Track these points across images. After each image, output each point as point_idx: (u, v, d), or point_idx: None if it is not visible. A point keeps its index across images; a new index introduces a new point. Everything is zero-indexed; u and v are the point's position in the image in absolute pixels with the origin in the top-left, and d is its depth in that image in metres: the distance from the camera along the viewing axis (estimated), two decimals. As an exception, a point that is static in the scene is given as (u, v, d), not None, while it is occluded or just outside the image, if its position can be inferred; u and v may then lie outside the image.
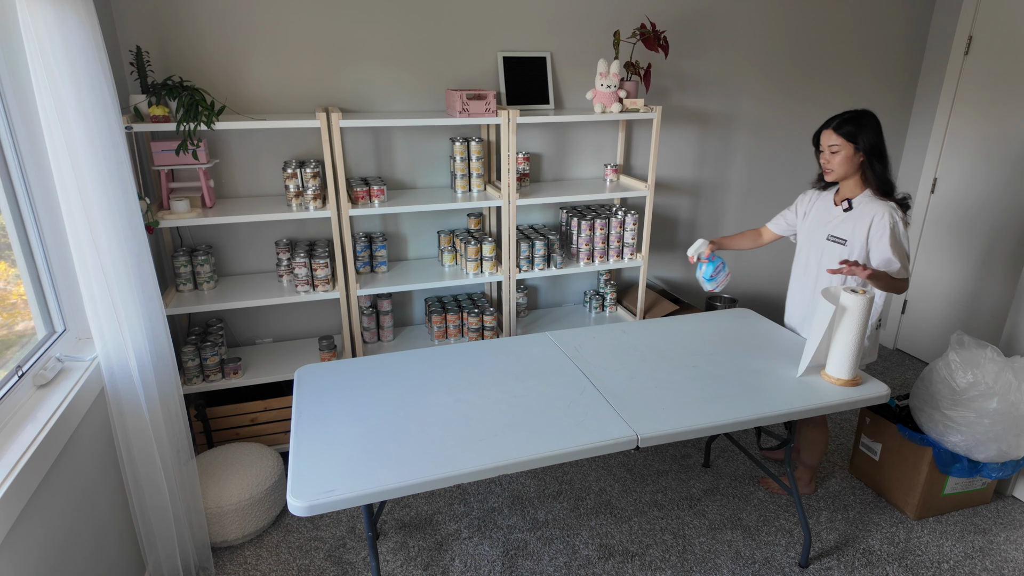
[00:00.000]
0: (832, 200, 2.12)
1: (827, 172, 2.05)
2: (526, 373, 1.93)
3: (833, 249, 2.08)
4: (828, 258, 2.10)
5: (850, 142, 1.98)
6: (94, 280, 1.63)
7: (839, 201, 2.09)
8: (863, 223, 2.00)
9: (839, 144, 1.99)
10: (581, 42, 2.84)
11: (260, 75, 2.49)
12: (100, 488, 1.74)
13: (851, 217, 2.04)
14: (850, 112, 2.00)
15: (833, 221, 2.09)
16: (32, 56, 1.43)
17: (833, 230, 2.08)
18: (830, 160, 2.02)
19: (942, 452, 2.23)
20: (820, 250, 2.12)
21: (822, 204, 2.16)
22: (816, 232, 2.14)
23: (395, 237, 2.87)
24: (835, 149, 2.00)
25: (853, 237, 2.03)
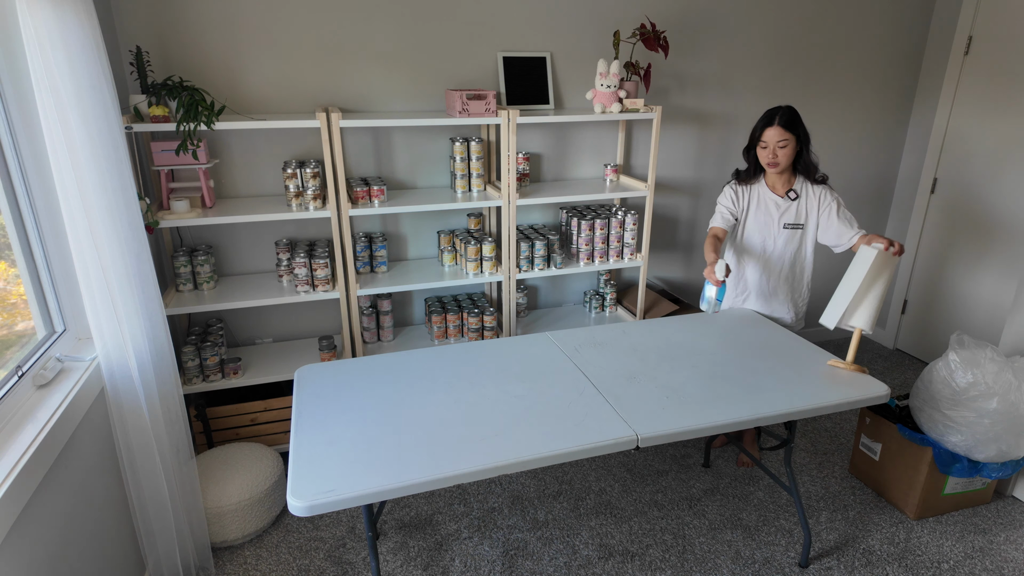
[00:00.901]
0: (769, 191, 2.31)
1: (774, 165, 2.21)
2: (526, 373, 1.93)
3: (791, 234, 2.32)
4: (786, 243, 2.32)
5: (794, 135, 2.18)
6: (94, 280, 1.63)
7: (783, 192, 2.30)
8: (811, 206, 2.28)
9: (787, 138, 2.18)
10: (581, 42, 2.84)
11: (260, 75, 2.49)
12: (100, 488, 1.74)
13: (798, 203, 2.29)
14: (783, 108, 2.19)
15: (784, 210, 2.30)
16: (32, 56, 1.43)
17: (788, 219, 2.30)
18: (778, 154, 2.19)
19: (942, 452, 2.23)
20: (776, 237, 2.33)
21: (762, 196, 2.32)
22: (770, 223, 2.32)
23: (395, 237, 2.87)
24: (783, 144, 2.18)
25: (807, 220, 2.29)
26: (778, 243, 2.32)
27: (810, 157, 2.24)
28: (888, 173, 3.61)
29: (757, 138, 2.23)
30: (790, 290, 2.39)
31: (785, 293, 2.39)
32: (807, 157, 2.23)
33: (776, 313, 2.42)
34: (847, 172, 3.51)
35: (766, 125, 2.19)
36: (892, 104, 3.45)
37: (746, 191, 2.33)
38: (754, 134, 2.25)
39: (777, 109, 2.20)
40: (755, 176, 2.32)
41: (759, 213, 2.32)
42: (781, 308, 2.41)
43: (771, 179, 2.30)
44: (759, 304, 2.43)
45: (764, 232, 2.32)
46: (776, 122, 2.17)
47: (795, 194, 2.27)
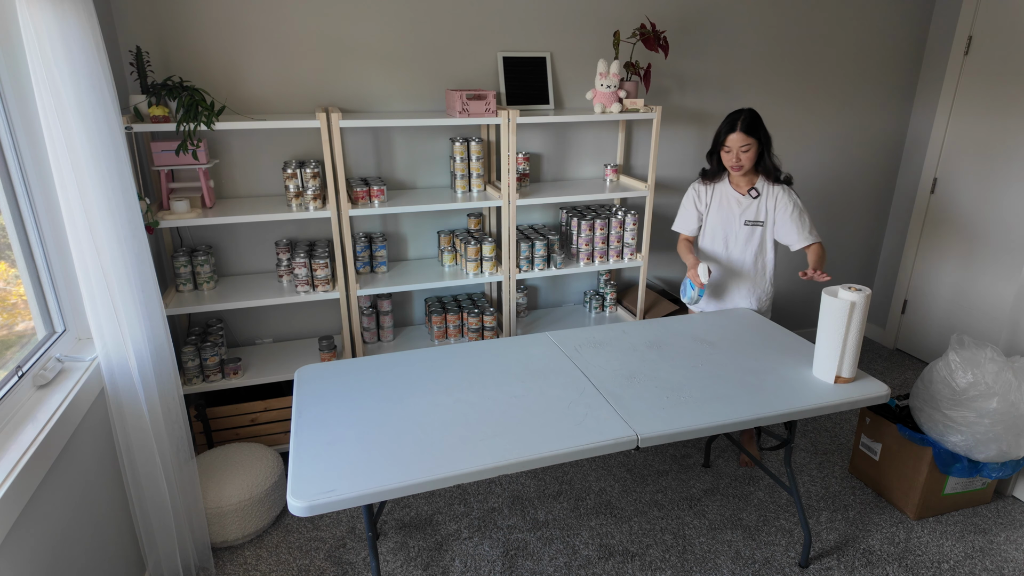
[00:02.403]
0: (732, 190, 2.38)
1: (737, 168, 2.28)
2: (526, 373, 1.93)
3: (752, 230, 2.38)
4: (747, 239, 2.39)
5: (756, 139, 2.24)
6: (94, 280, 1.63)
7: (745, 190, 2.36)
8: (770, 205, 2.34)
9: (749, 143, 2.24)
10: (581, 42, 2.84)
11: (260, 75, 2.49)
12: (100, 488, 1.74)
13: (759, 202, 2.35)
14: (744, 112, 2.24)
15: (745, 208, 2.36)
16: (32, 56, 1.43)
17: (748, 216, 2.37)
18: (741, 158, 2.25)
19: (942, 452, 2.23)
20: (738, 234, 2.40)
21: (724, 194, 2.40)
22: (732, 220, 2.39)
23: (395, 237, 2.87)
24: (746, 148, 2.24)
25: (767, 218, 2.36)
26: (739, 239, 2.39)
27: (771, 159, 2.30)
28: (888, 173, 3.61)
29: (721, 142, 2.28)
30: (752, 285, 2.45)
31: (748, 288, 2.45)
32: (768, 160, 2.30)
33: (740, 307, 2.48)
34: (847, 172, 3.51)
35: (729, 130, 2.24)
36: (892, 104, 3.45)
37: (709, 189, 2.42)
38: (718, 138, 2.30)
39: (739, 113, 2.24)
40: (719, 176, 2.40)
41: (721, 210, 2.40)
42: (744, 303, 2.47)
43: (734, 179, 2.38)
44: (723, 298, 2.50)
45: (726, 228, 2.40)
46: (738, 127, 2.22)
47: (756, 192, 2.34)
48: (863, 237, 3.71)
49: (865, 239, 3.72)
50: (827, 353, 1.88)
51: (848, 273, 3.77)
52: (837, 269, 3.75)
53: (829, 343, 1.87)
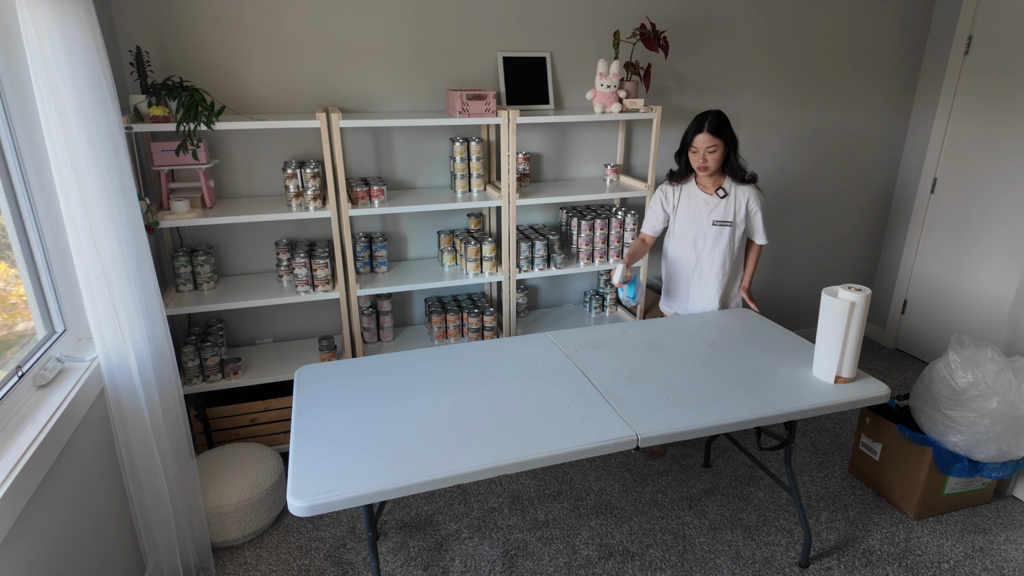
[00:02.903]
0: (699, 190, 2.39)
1: (704, 169, 2.30)
2: (526, 373, 1.93)
3: (720, 230, 2.39)
4: (715, 239, 2.40)
5: (722, 140, 2.25)
6: (94, 280, 1.63)
7: (712, 191, 2.37)
8: (739, 205, 2.37)
9: (716, 144, 2.25)
10: (581, 42, 2.84)
11: (260, 75, 2.49)
12: (100, 488, 1.74)
13: (727, 202, 2.37)
14: (711, 113, 2.25)
15: (713, 207, 2.38)
16: (32, 56, 1.43)
17: (716, 216, 2.38)
18: (708, 159, 2.27)
19: (942, 452, 2.23)
20: (706, 234, 2.41)
21: (691, 195, 2.41)
22: (700, 220, 2.40)
23: (395, 237, 2.87)
24: (713, 149, 2.26)
25: (735, 217, 2.38)
26: (707, 239, 2.40)
27: (737, 160, 2.33)
28: (888, 173, 3.61)
29: (688, 143, 2.30)
30: (720, 285, 2.45)
31: (715, 288, 2.45)
32: (735, 160, 2.32)
33: (708, 306, 2.49)
34: (847, 172, 3.51)
35: (696, 131, 2.26)
36: (892, 104, 3.45)
37: (677, 190, 2.44)
38: (685, 139, 2.32)
39: (707, 115, 2.25)
40: (687, 177, 2.41)
41: (689, 210, 2.41)
42: (712, 303, 2.47)
43: (702, 180, 2.39)
44: (692, 299, 2.51)
45: (694, 229, 2.41)
46: (705, 128, 2.24)
47: (724, 192, 2.36)
48: (863, 237, 3.71)
49: (865, 239, 3.72)
50: (827, 353, 1.88)
51: (848, 273, 3.77)
52: (837, 269, 3.75)
53: (829, 343, 1.87)
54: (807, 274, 3.68)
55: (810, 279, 3.70)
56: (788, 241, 3.55)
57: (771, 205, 3.43)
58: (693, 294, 2.50)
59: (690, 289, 2.50)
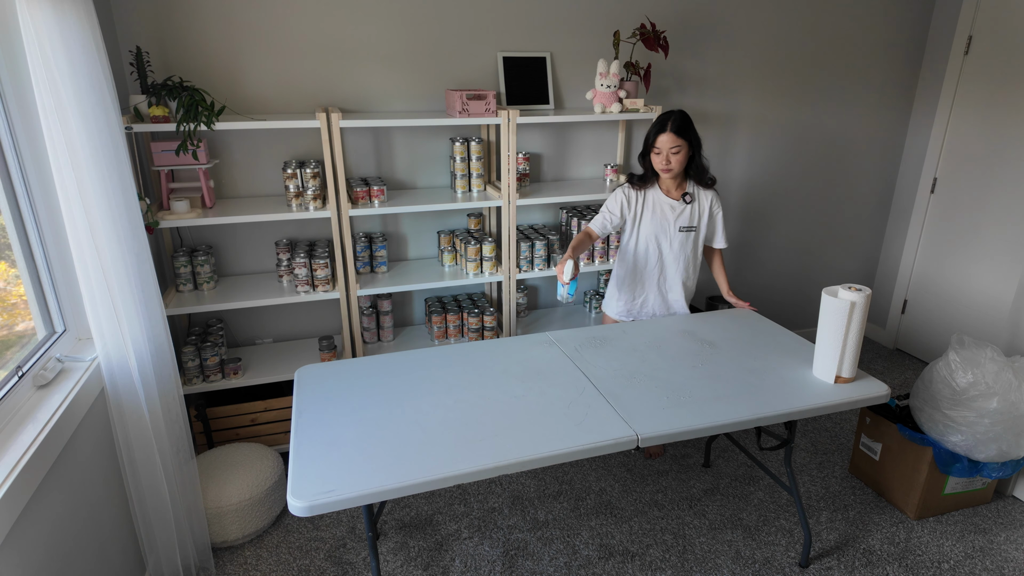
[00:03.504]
0: (664, 195, 2.32)
1: (667, 171, 2.22)
2: (526, 373, 1.93)
3: (686, 236, 2.34)
4: (681, 245, 2.35)
5: (686, 140, 2.18)
6: (94, 280, 1.63)
7: (678, 196, 2.32)
8: (703, 208, 2.33)
9: (679, 144, 2.18)
10: (581, 42, 2.84)
11: (260, 75, 2.49)
12: (100, 488, 1.74)
13: (692, 206, 2.32)
14: (675, 113, 2.18)
15: (679, 213, 2.32)
16: (32, 56, 1.43)
17: (682, 221, 2.33)
18: (671, 160, 2.19)
19: (942, 452, 2.23)
20: (672, 240, 2.35)
21: (656, 201, 2.32)
22: (666, 227, 2.33)
23: (395, 237, 2.87)
24: (676, 150, 2.18)
25: (699, 222, 2.34)
26: (674, 245, 2.35)
27: (702, 162, 2.28)
28: (888, 173, 3.61)
29: (651, 144, 2.22)
30: (683, 289, 2.42)
31: (679, 292, 2.42)
32: (699, 162, 2.27)
33: (673, 307, 2.46)
34: (847, 172, 3.51)
35: (659, 132, 2.19)
36: (892, 104, 3.45)
37: (640, 196, 2.33)
38: (648, 140, 2.24)
39: (669, 115, 2.19)
40: (649, 181, 2.32)
41: (655, 217, 2.32)
42: (677, 303, 2.45)
43: (665, 184, 2.31)
44: (657, 306, 2.45)
45: (660, 235, 2.34)
46: (669, 128, 2.16)
47: (690, 197, 2.31)
48: (863, 237, 3.71)
49: (865, 239, 3.72)
50: (827, 353, 1.88)
51: (848, 273, 3.77)
52: (837, 269, 3.75)
53: (829, 343, 1.87)
54: (807, 274, 3.68)
55: (810, 279, 3.70)
56: (788, 241, 3.55)
57: (770, 204, 3.43)
58: (655, 300, 2.44)
59: (652, 295, 2.43)
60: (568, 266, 2.10)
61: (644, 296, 2.44)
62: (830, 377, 1.89)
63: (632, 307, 2.47)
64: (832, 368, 1.87)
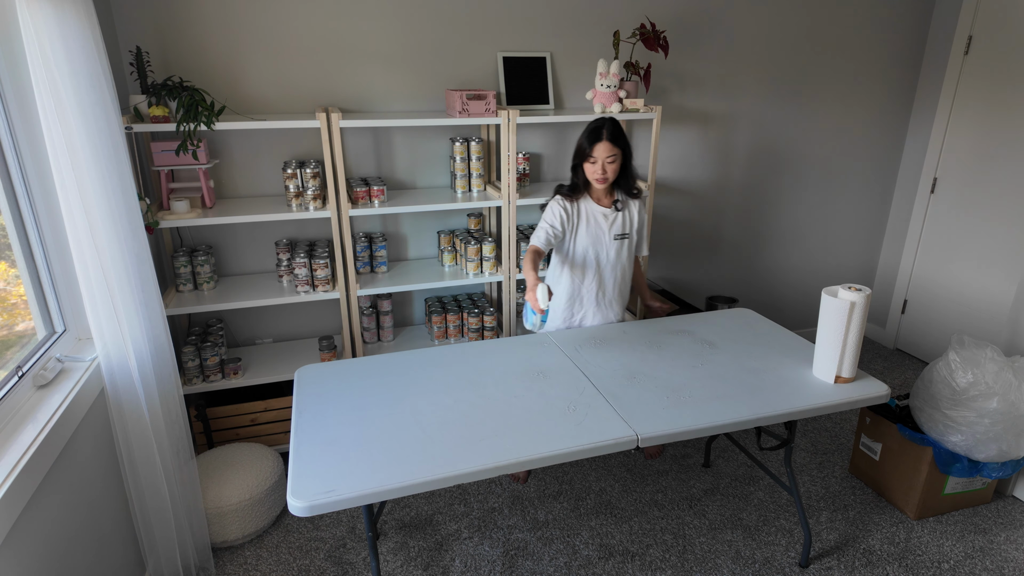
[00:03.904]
0: (596, 205, 2.25)
1: (603, 181, 2.15)
2: (526, 373, 1.93)
3: (621, 244, 2.29)
4: (617, 253, 2.29)
5: (621, 149, 2.12)
6: (94, 280, 1.63)
7: (609, 203, 2.26)
8: (632, 215, 2.30)
9: (616, 153, 2.11)
10: (581, 42, 2.84)
11: (260, 75, 2.49)
12: (100, 488, 1.74)
13: (624, 214, 2.27)
14: (606, 121, 2.12)
15: (612, 221, 2.26)
16: (32, 56, 1.43)
17: (616, 230, 2.27)
18: (607, 169, 2.13)
19: (942, 452, 2.23)
20: (609, 249, 2.28)
21: (590, 212, 2.25)
22: (601, 237, 2.26)
23: (395, 237, 2.87)
24: (612, 159, 2.11)
25: (632, 229, 2.31)
26: (610, 255, 2.28)
27: (632, 171, 2.21)
28: (888, 173, 3.61)
29: (586, 154, 2.13)
30: (621, 298, 2.37)
31: (619, 302, 2.37)
32: (630, 171, 2.20)
33: (611, 322, 2.37)
34: (847, 172, 3.51)
35: (595, 140, 2.09)
36: (892, 104, 3.45)
37: (575, 207, 2.23)
38: (581, 150, 2.15)
39: (602, 123, 2.10)
40: (580, 192, 2.23)
41: (590, 228, 2.24)
42: (615, 317, 2.38)
43: (596, 193, 2.24)
44: (596, 316, 2.35)
45: (597, 246, 2.26)
46: (604, 137, 2.08)
47: (621, 204, 2.25)
48: (863, 237, 3.71)
49: (865, 239, 3.72)
50: (827, 353, 1.88)
51: (848, 273, 3.77)
52: (837, 269, 3.75)
53: (829, 343, 1.87)
54: (807, 274, 3.68)
55: (810, 279, 3.70)
56: (788, 241, 3.55)
57: (771, 204, 3.43)
58: (593, 314, 2.34)
59: (590, 309, 2.34)
60: (542, 291, 1.92)
61: (583, 312, 2.34)
62: (830, 377, 1.89)
63: (571, 325, 2.37)
64: (832, 368, 1.88)
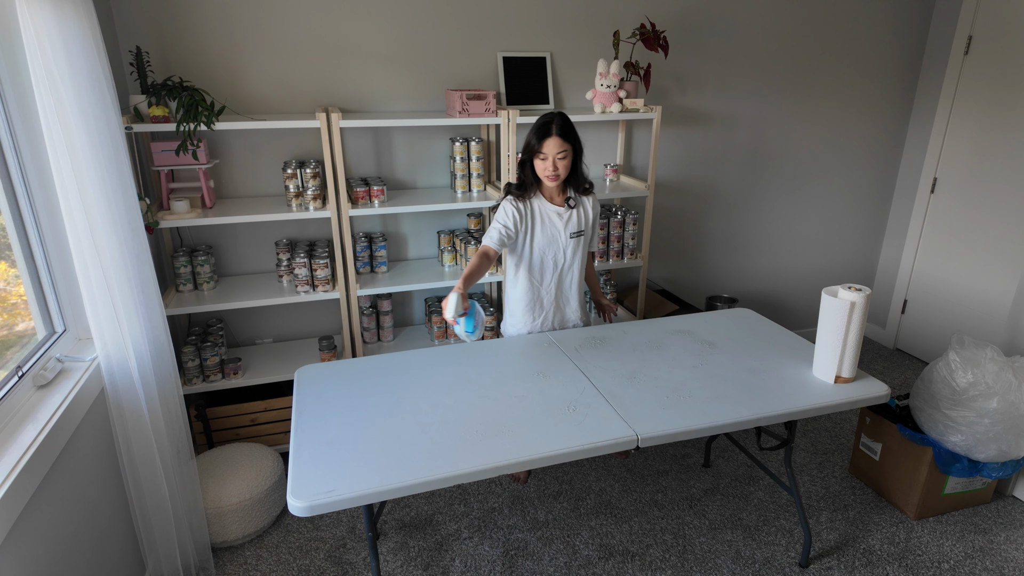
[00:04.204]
0: (548, 203, 2.18)
1: (554, 178, 2.08)
2: (526, 373, 1.93)
3: (577, 242, 2.23)
4: (574, 252, 2.23)
5: (571, 145, 2.06)
6: (94, 280, 1.63)
7: (562, 201, 2.19)
8: (586, 212, 2.22)
9: (566, 149, 2.04)
10: (581, 42, 2.84)
11: (260, 75, 2.49)
12: (100, 488, 1.74)
13: (578, 211, 2.21)
14: (556, 116, 2.04)
15: (567, 219, 2.19)
16: (32, 56, 1.43)
17: (571, 228, 2.20)
18: (559, 165, 2.06)
19: (942, 452, 2.23)
20: (566, 248, 2.22)
21: (543, 210, 2.17)
22: (557, 235, 2.19)
23: (395, 237, 2.87)
24: (563, 155, 2.05)
25: (587, 227, 2.24)
26: (567, 254, 2.21)
27: (582, 168, 2.16)
28: (888, 173, 3.61)
29: (535, 150, 2.05)
30: (581, 297, 2.32)
31: (578, 301, 2.31)
32: (580, 168, 2.14)
33: (570, 323, 2.32)
34: (847, 172, 3.51)
35: (544, 136, 2.01)
36: (892, 104, 3.45)
37: (527, 207, 2.15)
38: (529, 147, 2.07)
39: (551, 118, 2.02)
40: (531, 190, 2.15)
41: (545, 227, 2.17)
42: (574, 316, 2.32)
43: (548, 191, 2.17)
44: (558, 319, 2.30)
45: (553, 245, 2.19)
46: (554, 133, 2.00)
47: (574, 201, 2.19)
48: (863, 237, 3.71)
49: (865, 239, 3.72)
50: (827, 353, 1.88)
51: (848, 273, 3.77)
52: (837, 269, 3.75)
53: (829, 343, 1.87)
54: (807, 274, 3.68)
55: (810, 279, 3.70)
56: (788, 241, 3.55)
57: (770, 204, 3.43)
58: (554, 314, 2.28)
59: (551, 311, 2.28)
60: (452, 301, 1.80)
61: (544, 314, 2.28)
62: (830, 377, 1.89)
63: (533, 330, 2.29)
64: (832, 368, 1.88)
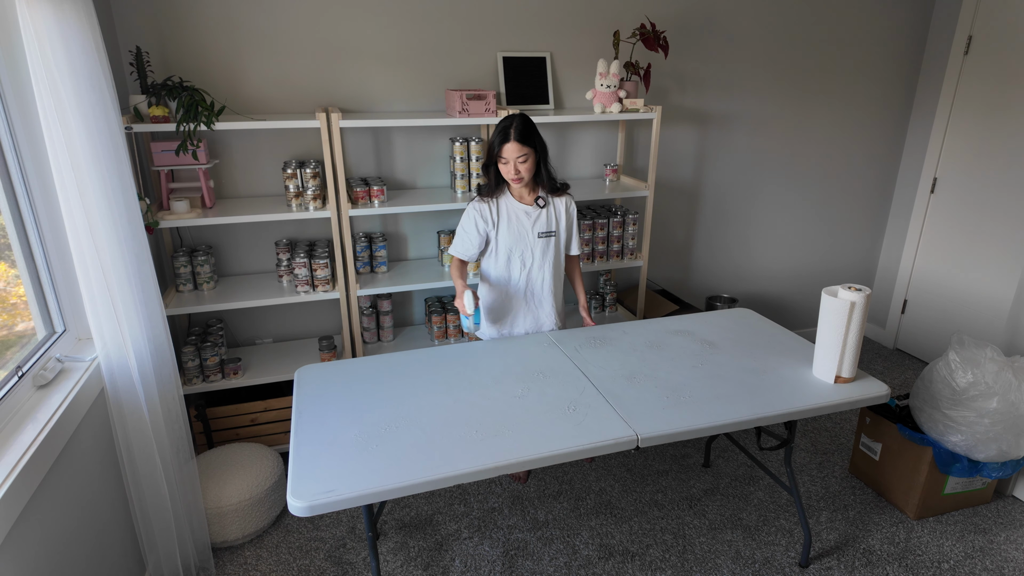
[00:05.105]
0: (517, 202, 2.19)
1: (517, 180, 2.10)
2: (526, 373, 1.93)
3: (546, 242, 2.22)
4: (543, 253, 2.22)
5: (532, 147, 2.07)
6: (94, 280, 1.63)
7: (531, 200, 2.19)
8: (559, 212, 2.22)
9: (526, 152, 2.05)
10: (581, 42, 2.84)
11: (260, 75, 2.49)
12: (100, 488, 1.74)
13: (547, 211, 2.20)
14: (515, 119, 2.05)
15: (536, 219, 2.19)
16: (32, 56, 1.43)
17: (540, 227, 2.20)
18: (520, 169, 2.07)
19: (942, 452, 2.23)
20: (533, 249, 2.21)
21: (510, 209, 2.18)
22: (524, 235, 2.19)
23: (395, 237, 2.87)
24: (523, 158, 2.06)
25: (558, 227, 2.23)
26: (536, 254, 2.20)
27: (549, 169, 2.15)
28: (888, 173, 3.61)
29: (496, 154, 2.08)
30: (554, 299, 2.29)
31: (550, 303, 2.28)
32: (546, 169, 2.14)
33: (544, 325, 2.30)
34: (847, 172, 3.51)
35: (503, 141, 2.03)
36: (892, 104, 3.45)
37: (493, 207, 2.16)
38: (491, 150, 2.10)
39: (511, 121, 2.04)
40: (499, 189, 2.17)
41: (512, 226, 2.17)
42: (548, 318, 2.30)
43: (517, 190, 2.18)
44: (527, 321, 2.28)
45: (521, 245, 2.19)
46: (512, 137, 2.02)
47: (544, 201, 2.19)
48: (863, 237, 3.71)
49: (865, 239, 3.72)
50: (827, 353, 1.88)
51: (848, 273, 3.77)
52: (837, 269, 3.75)
53: (829, 343, 1.87)
54: (807, 274, 3.68)
55: (810, 279, 3.70)
56: (788, 241, 3.55)
57: (771, 204, 3.43)
58: (525, 317, 2.28)
59: (521, 312, 2.27)
60: (468, 297, 2.04)
61: (512, 316, 2.28)
62: (830, 377, 1.89)
63: (502, 329, 2.30)
64: (832, 368, 1.88)
